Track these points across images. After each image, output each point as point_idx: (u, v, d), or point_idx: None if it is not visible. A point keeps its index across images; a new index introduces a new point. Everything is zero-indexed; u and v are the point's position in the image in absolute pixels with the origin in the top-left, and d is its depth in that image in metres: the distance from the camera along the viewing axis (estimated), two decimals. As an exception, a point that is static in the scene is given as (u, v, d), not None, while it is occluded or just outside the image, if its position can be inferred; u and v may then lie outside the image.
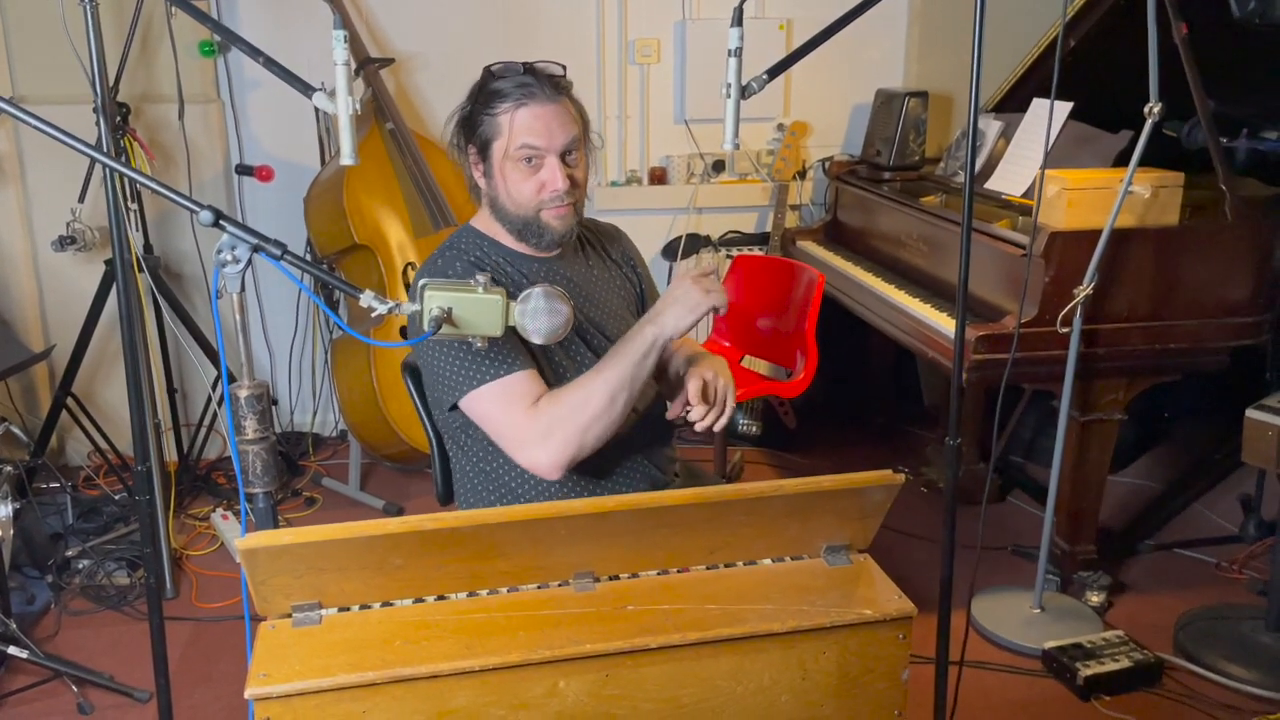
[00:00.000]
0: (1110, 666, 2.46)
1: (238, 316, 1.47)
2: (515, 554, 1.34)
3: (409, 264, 3.35)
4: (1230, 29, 2.45)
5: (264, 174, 3.49)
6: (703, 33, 3.81)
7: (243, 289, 1.45)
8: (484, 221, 1.92)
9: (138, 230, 3.23)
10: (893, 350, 3.89)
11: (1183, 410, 3.92)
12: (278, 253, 1.45)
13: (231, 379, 1.45)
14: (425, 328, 1.47)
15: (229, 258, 1.43)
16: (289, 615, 1.32)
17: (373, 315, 1.47)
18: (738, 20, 1.60)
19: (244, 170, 3.57)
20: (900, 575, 2.90)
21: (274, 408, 3.68)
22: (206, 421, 3.54)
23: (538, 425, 1.67)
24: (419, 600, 1.38)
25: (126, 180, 2.96)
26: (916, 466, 3.64)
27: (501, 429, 1.71)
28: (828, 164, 3.90)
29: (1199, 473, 3.52)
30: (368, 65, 3.44)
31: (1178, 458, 3.73)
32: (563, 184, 1.80)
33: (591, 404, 1.67)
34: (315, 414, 3.90)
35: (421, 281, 1.52)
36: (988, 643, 2.66)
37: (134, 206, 3.20)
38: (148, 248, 3.34)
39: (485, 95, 1.93)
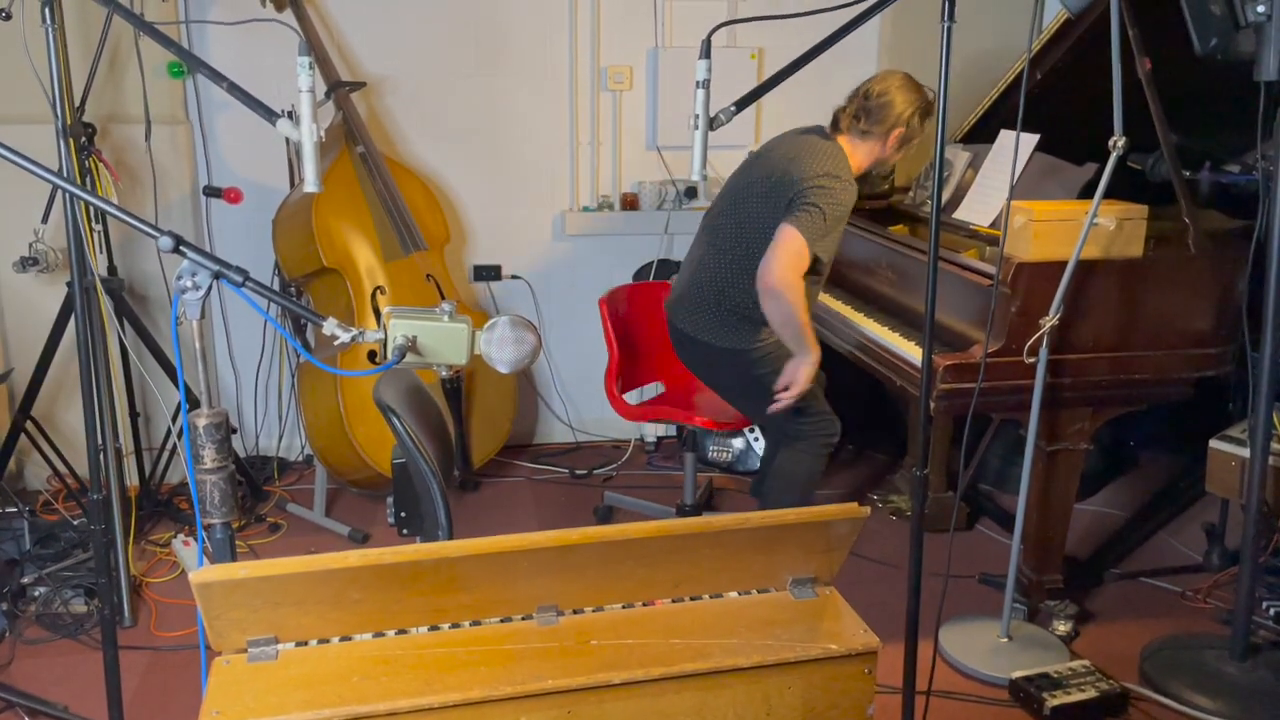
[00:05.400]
0: (1076, 696, 2.46)
1: (197, 344, 1.44)
2: (477, 587, 1.32)
3: (378, 288, 3.33)
4: (1193, 64, 2.49)
5: (232, 196, 3.46)
6: (675, 60, 3.83)
7: (203, 316, 1.43)
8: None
9: (102, 252, 3.19)
10: (864, 378, 3.90)
11: (1148, 439, 3.96)
12: (239, 279, 1.43)
13: (195, 404, 1.43)
14: (389, 356, 1.45)
15: (189, 284, 1.41)
16: (244, 650, 1.29)
17: (335, 344, 1.45)
18: (705, 53, 1.61)
19: (212, 192, 3.54)
20: (869, 603, 2.89)
21: (236, 434, 3.63)
22: (169, 446, 3.49)
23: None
24: (379, 634, 1.36)
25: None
26: (887, 494, 3.64)
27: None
28: (798, 192, 3.91)
29: (1164, 501, 3.56)
30: (338, 88, 3.43)
31: (1144, 486, 3.76)
32: None
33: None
34: (281, 438, 3.86)
35: (385, 310, 1.50)
36: (955, 672, 2.66)
37: (98, 228, 3.16)
38: (112, 270, 3.30)
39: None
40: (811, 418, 2.87)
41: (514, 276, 3.99)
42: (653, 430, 4.16)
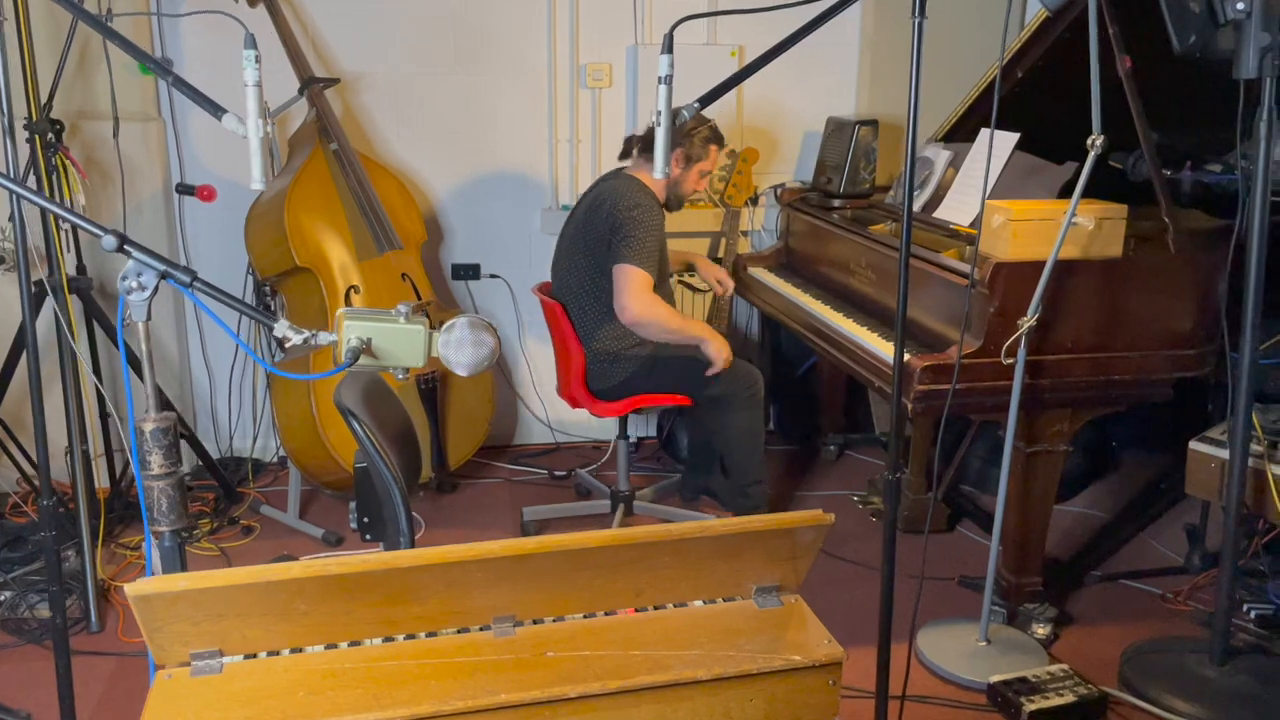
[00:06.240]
0: (1055, 701, 2.44)
1: (144, 346, 1.40)
2: (430, 598, 1.28)
3: (352, 287, 3.28)
4: (1174, 63, 2.46)
5: (205, 194, 3.41)
6: (655, 57, 3.78)
7: (149, 317, 1.39)
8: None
9: (70, 251, 3.13)
10: (844, 377, 3.88)
11: (1130, 440, 3.94)
12: (186, 280, 1.39)
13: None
14: (342, 358, 1.41)
15: (134, 285, 1.37)
16: (188, 664, 1.25)
17: (287, 345, 1.41)
18: (668, 47, 1.57)
19: (185, 190, 3.50)
20: (848, 606, 2.89)
21: (203, 436, 3.56)
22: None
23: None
24: (331, 646, 1.32)
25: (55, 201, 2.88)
26: (868, 495, 3.61)
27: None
28: (779, 191, 3.88)
29: (1145, 503, 3.54)
30: (312, 85, 3.38)
31: (1125, 487, 3.74)
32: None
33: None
34: (256, 440, 3.81)
35: (339, 311, 1.46)
36: (933, 676, 2.63)
37: (66, 226, 3.10)
38: (80, 269, 3.25)
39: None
40: (729, 379, 3.12)
41: (493, 276, 3.95)
42: (633, 430, 4.12)
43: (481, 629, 1.36)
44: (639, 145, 3.21)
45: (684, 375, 3.14)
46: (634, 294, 2.99)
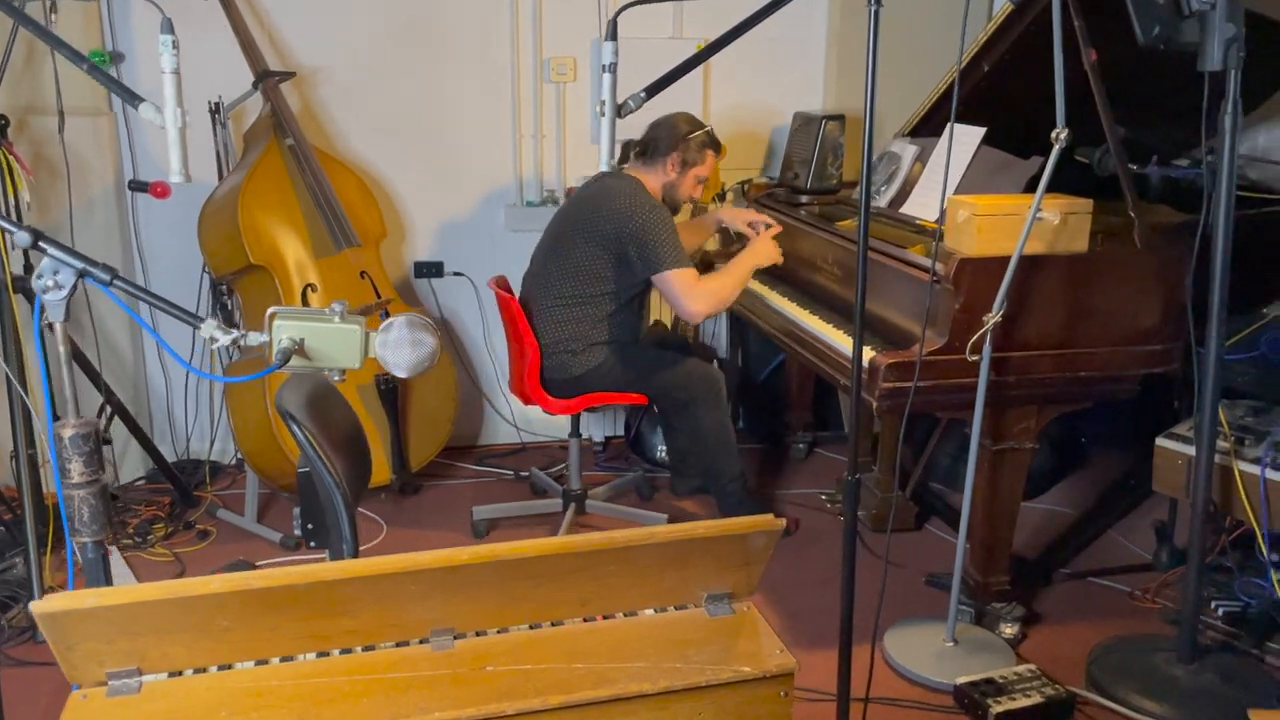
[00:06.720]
0: (1022, 702, 2.40)
1: (60, 349, 1.34)
2: (362, 611, 1.22)
3: (309, 285, 3.21)
4: (1140, 55, 2.44)
5: (159, 190, 3.32)
6: (621, 51, 3.72)
7: (67, 318, 1.32)
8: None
9: (15, 249, 3.04)
10: (812, 375, 3.84)
11: (1098, 436, 3.93)
12: (106, 278, 1.33)
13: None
14: (273, 360, 1.35)
15: (50, 283, 1.31)
16: (104, 683, 1.19)
17: (213, 346, 1.35)
18: (611, 34, 1.51)
19: (138, 186, 3.41)
20: (814, 608, 2.85)
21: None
22: (92, 451, 3.34)
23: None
24: (262, 662, 1.26)
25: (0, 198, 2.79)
26: (836, 494, 3.57)
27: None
28: (747, 186, 3.84)
29: (1113, 499, 3.52)
30: (267, 79, 3.30)
31: (1093, 483, 3.72)
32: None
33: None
34: (213, 442, 3.73)
35: (270, 310, 1.40)
36: (899, 677, 2.59)
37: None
38: (28, 268, 3.15)
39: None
40: (687, 382, 3.11)
41: (456, 273, 3.88)
42: (600, 430, 4.07)
43: (420, 641, 1.30)
44: (636, 150, 3.19)
45: (641, 375, 3.11)
46: (690, 296, 2.96)
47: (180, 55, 3.40)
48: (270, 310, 1.38)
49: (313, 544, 1.85)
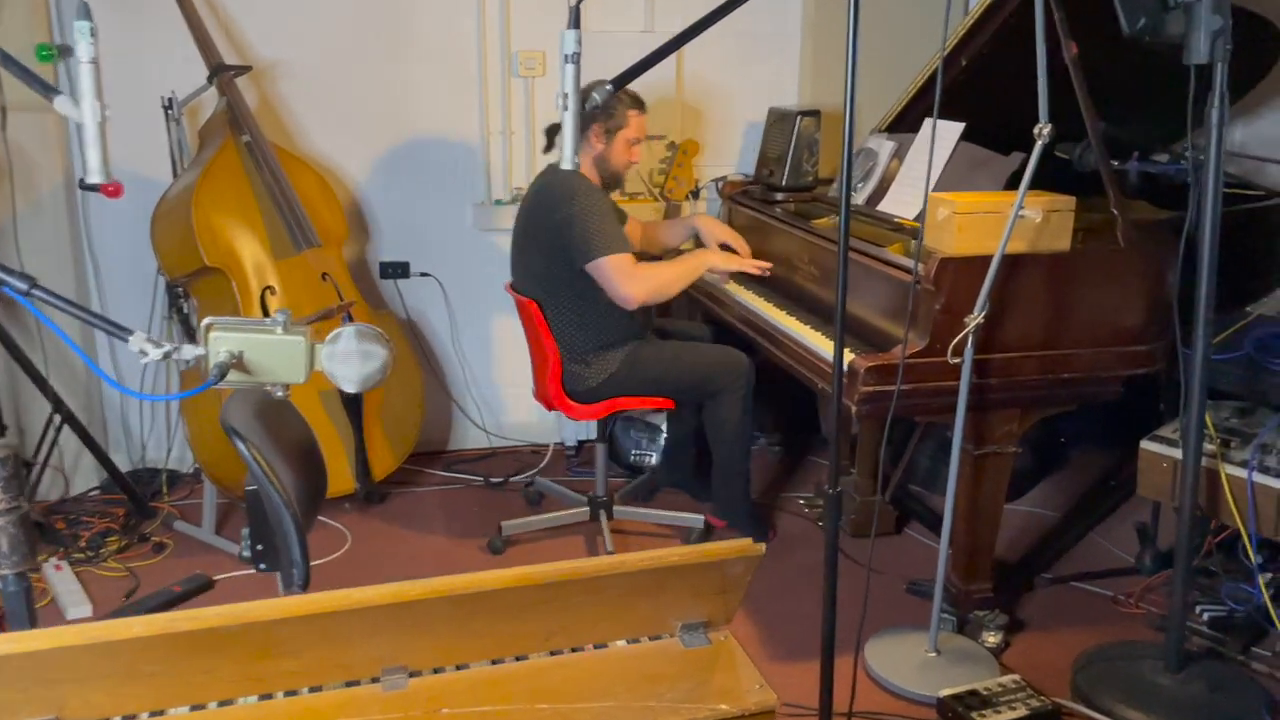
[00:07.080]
0: (1007, 715, 2.33)
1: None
2: (305, 651, 1.12)
3: (267, 288, 3.09)
4: (1123, 49, 2.37)
5: (111, 190, 3.18)
6: (590, 45, 3.58)
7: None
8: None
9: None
10: (785, 375, 3.75)
11: (1080, 437, 3.87)
12: (23, 287, 1.22)
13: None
14: (209, 375, 1.24)
15: (-39, 296, 1.19)
16: (20, 735, 1.08)
17: (143, 361, 1.24)
18: (574, 22, 1.41)
19: (89, 185, 3.26)
20: (793, 616, 2.76)
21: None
22: (41, 461, 3.21)
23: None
24: (198, 707, 1.15)
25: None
26: (814, 498, 3.49)
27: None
28: (721, 184, 3.75)
29: (1096, 501, 3.46)
30: (223, 73, 3.18)
31: (1074, 485, 3.66)
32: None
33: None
34: (170, 450, 3.59)
35: (205, 321, 1.30)
36: (881, 690, 2.52)
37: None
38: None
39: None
40: (711, 374, 3.03)
41: (423, 274, 3.77)
42: (573, 433, 3.97)
43: (371, 681, 1.20)
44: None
45: (660, 378, 3.04)
46: (624, 281, 2.86)
47: (132, 47, 3.29)
48: (205, 321, 1.28)
49: (262, 567, 1.74)
